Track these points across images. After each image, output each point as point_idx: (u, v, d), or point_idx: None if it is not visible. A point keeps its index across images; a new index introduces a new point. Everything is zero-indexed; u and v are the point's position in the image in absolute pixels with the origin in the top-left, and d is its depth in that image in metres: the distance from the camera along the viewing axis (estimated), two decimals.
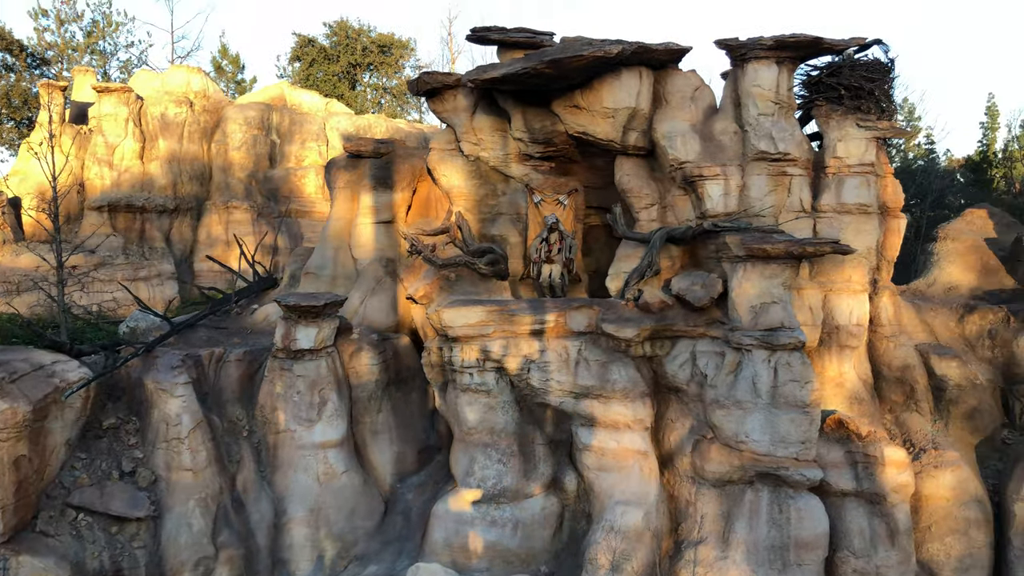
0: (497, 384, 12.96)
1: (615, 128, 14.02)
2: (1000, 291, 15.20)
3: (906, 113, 59.39)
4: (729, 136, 13.76)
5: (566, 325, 12.98)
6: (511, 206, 15.75)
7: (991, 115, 71.37)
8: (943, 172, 56.18)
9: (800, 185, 13.45)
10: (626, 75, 13.84)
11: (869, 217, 13.27)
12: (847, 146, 13.31)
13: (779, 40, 13.07)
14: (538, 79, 13.50)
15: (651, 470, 12.44)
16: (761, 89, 13.33)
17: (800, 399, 11.66)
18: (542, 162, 15.48)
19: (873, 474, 12.04)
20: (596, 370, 12.64)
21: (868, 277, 13.58)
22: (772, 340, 11.79)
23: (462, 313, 12.89)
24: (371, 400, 14.09)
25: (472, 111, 15.29)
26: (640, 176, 14.48)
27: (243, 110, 26.31)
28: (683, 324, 12.90)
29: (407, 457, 14.23)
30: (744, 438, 11.79)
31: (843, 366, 13.15)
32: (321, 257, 16.46)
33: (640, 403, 12.52)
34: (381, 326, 15.19)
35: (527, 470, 12.86)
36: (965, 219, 16.68)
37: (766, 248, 12.05)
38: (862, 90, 13.32)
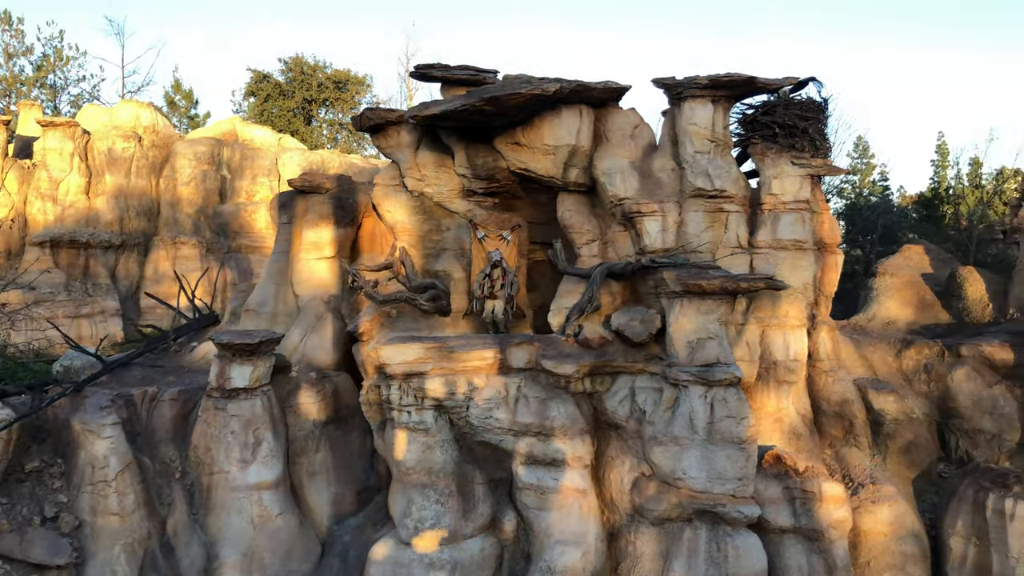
0: (436, 422, 12.79)
1: (556, 165, 14.07)
2: (936, 325, 15.43)
3: (860, 151, 60.79)
4: (667, 173, 13.88)
5: (506, 362, 12.88)
6: (455, 241, 15.68)
7: (941, 153, 73.22)
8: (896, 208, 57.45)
9: (737, 221, 13.58)
10: (566, 113, 13.93)
11: (804, 253, 13.42)
12: (782, 183, 13.49)
13: (714, 79, 13.27)
14: (478, 116, 13.52)
15: (590, 509, 12.31)
16: (697, 127, 13.50)
17: (736, 435, 11.65)
18: (486, 198, 15.46)
19: (811, 510, 12.02)
20: (536, 407, 12.54)
21: (806, 312, 13.70)
22: (708, 376, 11.80)
23: (400, 350, 12.74)
24: (309, 440, 13.82)
25: (416, 147, 15.26)
26: (581, 212, 14.53)
27: (193, 145, 26.12)
28: (623, 360, 12.87)
29: (345, 498, 13.94)
30: (681, 475, 11.73)
31: (781, 401, 13.18)
32: (262, 293, 16.24)
33: (580, 440, 12.43)
34: (321, 364, 14.96)
35: (466, 510, 12.65)
36: (903, 255, 16.98)
37: (702, 284, 12.12)
38: (796, 128, 13.54)
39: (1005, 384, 13.36)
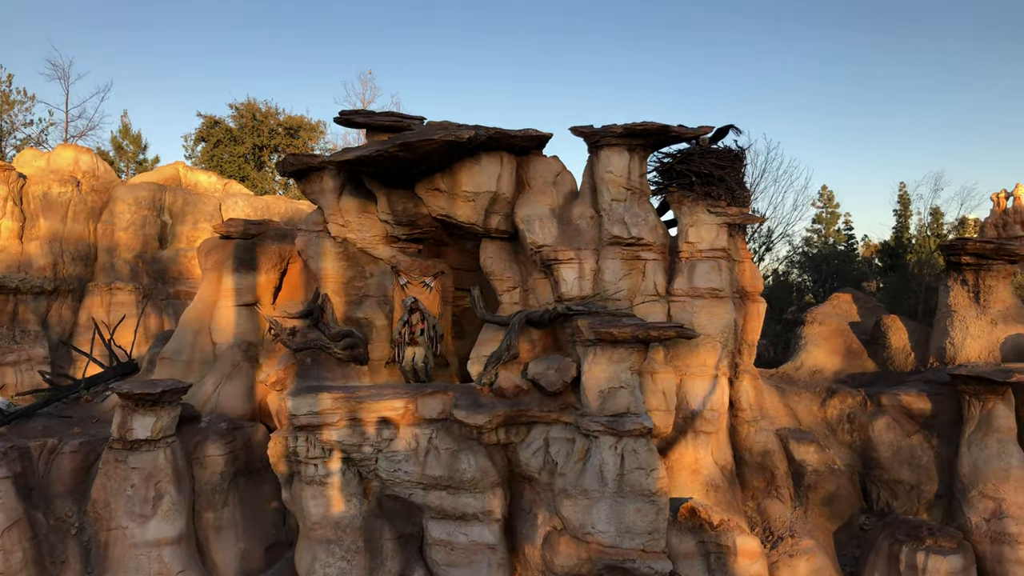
0: (343, 476, 12.39)
1: (476, 212, 13.93)
2: (863, 374, 15.35)
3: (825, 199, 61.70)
4: (586, 221, 13.80)
5: (417, 412, 12.56)
6: (379, 288, 15.45)
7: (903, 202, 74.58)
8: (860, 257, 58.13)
9: (654, 269, 13.48)
10: (486, 160, 13.85)
11: (721, 301, 13.31)
12: (698, 231, 13.44)
13: (628, 127, 13.28)
14: (394, 161, 13.41)
15: (499, 565, 11.93)
16: (613, 175, 13.46)
17: (646, 488, 11.38)
18: (409, 244, 15.30)
19: (725, 565, 11.73)
20: (446, 459, 12.19)
21: (727, 361, 13.56)
22: (618, 426, 11.56)
23: (307, 400, 12.38)
24: (215, 493, 13.32)
25: (339, 193, 15.09)
26: (503, 259, 14.37)
27: (133, 190, 25.73)
28: (538, 410, 12.61)
29: (254, 554, 13.42)
30: (591, 529, 11.40)
31: (699, 452, 12.96)
32: (179, 341, 15.82)
33: (490, 494, 12.08)
34: (235, 414, 14.53)
35: (373, 567, 12.20)
36: (832, 303, 16.97)
37: (613, 332, 11.94)
38: (712, 176, 13.56)
39: (923, 434, 13.24)
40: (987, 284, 13.53)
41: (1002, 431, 12.22)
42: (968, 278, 13.71)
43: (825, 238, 61.68)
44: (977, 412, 12.48)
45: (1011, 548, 11.63)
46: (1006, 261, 13.46)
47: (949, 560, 11.26)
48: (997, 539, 11.78)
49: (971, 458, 12.35)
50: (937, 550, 11.43)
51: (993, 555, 11.76)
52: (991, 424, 12.31)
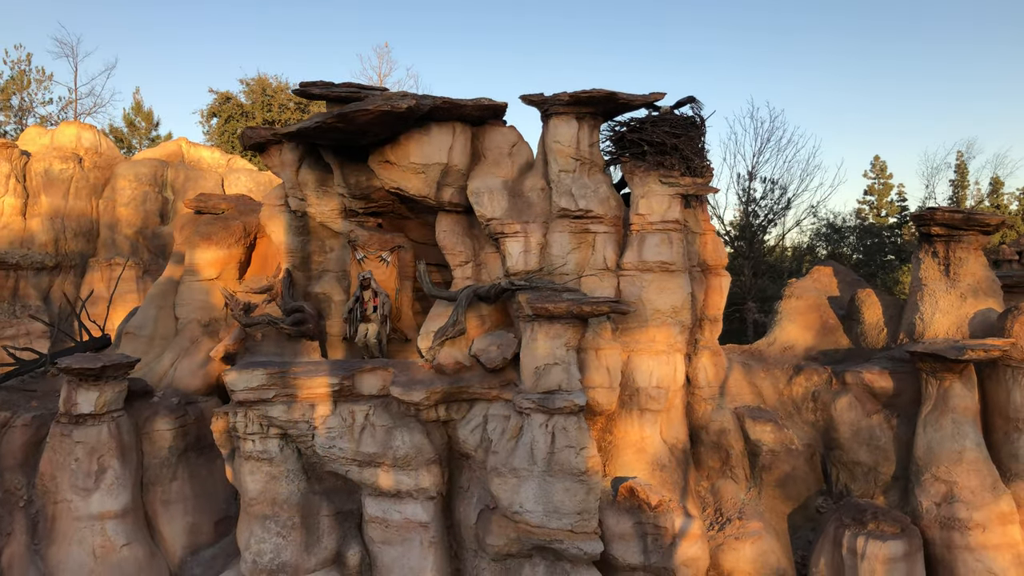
0: (281, 452, 12.32)
1: (427, 184, 13.63)
2: (835, 351, 14.71)
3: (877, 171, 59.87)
4: (537, 193, 13.40)
5: (354, 388, 12.41)
6: (338, 263, 15.32)
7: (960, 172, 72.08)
8: None
9: (604, 242, 13.04)
10: (436, 131, 13.51)
11: (672, 275, 12.80)
12: (649, 203, 12.94)
13: (575, 95, 12.79)
14: (335, 133, 13.18)
15: (431, 543, 11.75)
16: (561, 145, 13.02)
17: (575, 467, 11.05)
18: (368, 218, 15.09)
19: (662, 547, 11.38)
20: (381, 436, 12.03)
21: (682, 337, 13.07)
22: (549, 404, 11.23)
23: (244, 376, 12.30)
24: (164, 468, 13.39)
25: (298, 166, 14.91)
26: (457, 233, 14.07)
27: (134, 166, 25.98)
28: (479, 387, 12.35)
29: (203, 528, 13.48)
30: (519, 508, 11.13)
31: (645, 430, 12.55)
32: (143, 316, 15.91)
33: (425, 471, 11.89)
34: (191, 389, 14.57)
35: (309, 543, 12.13)
36: (812, 277, 16.29)
37: (548, 307, 11.58)
38: (665, 145, 13.01)
39: (884, 414, 12.62)
40: (957, 256, 12.77)
41: (958, 411, 11.57)
42: (939, 250, 12.97)
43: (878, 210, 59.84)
44: (934, 391, 11.84)
45: (960, 534, 11.04)
46: (977, 232, 12.68)
47: (889, 545, 10.72)
48: (947, 524, 11.18)
49: (926, 439, 11.73)
50: (878, 535, 10.90)
51: (942, 541, 11.18)
52: (947, 404, 11.66)
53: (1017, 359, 11.59)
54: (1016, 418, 11.54)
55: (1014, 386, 11.61)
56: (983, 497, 11.14)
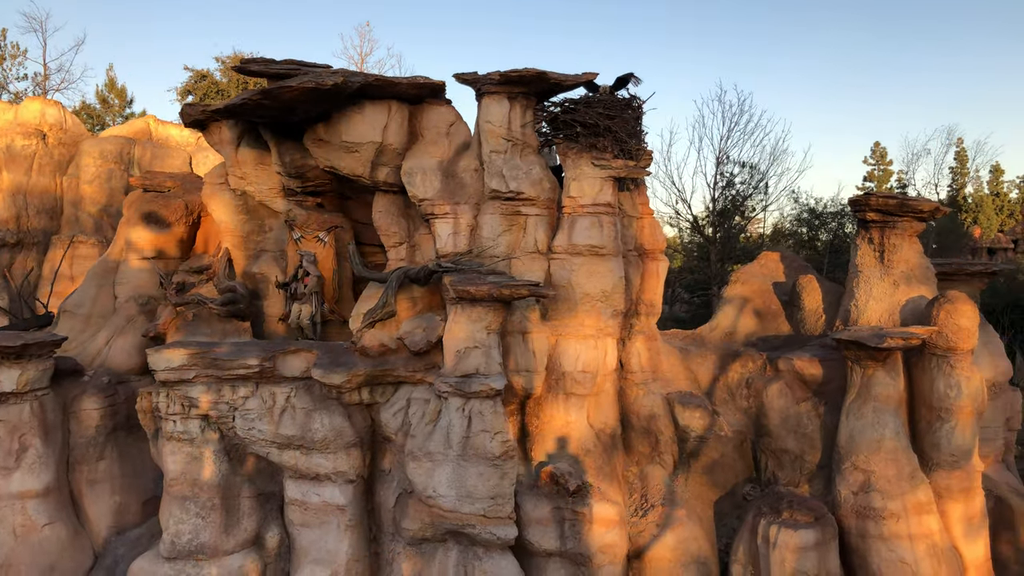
0: (203, 433, 12.21)
1: (361, 163, 13.43)
2: (775, 337, 14.56)
3: (877, 157, 59.46)
4: (470, 174, 13.21)
5: (276, 370, 12.29)
6: (277, 243, 15.16)
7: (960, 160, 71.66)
8: None
9: (536, 225, 12.85)
10: (370, 109, 13.28)
11: (603, 259, 12.61)
12: (580, 185, 12.74)
13: (505, 75, 12.58)
14: (262, 110, 12.99)
15: (348, 526, 11.67)
16: (492, 125, 12.82)
17: (490, 451, 10.95)
18: (307, 197, 14.88)
19: (579, 532, 11.29)
20: (301, 419, 11.92)
21: (614, 321, 12.90)
22: (465, 387, 11.11)
23: (165, 356, 12.18)
24: (91, 447, 13.29)
25: (237, 144, 14.68)
26: (392, 213, 13.90)
27: (100, 143, 25.77)
28: (403, 370, 12.24)
29: (130, 508, 13.40)
30: (432, 493, 11.03)
31: (571, 415, 12.41)
32: (81, 294, 15.76)
33: (343, 454, 11.78)
34: (124, 368, 14.44)
35: (229, 525, 12.04)
36: (760, 262, 16.10)
37: (470, 290, 11.43)
38: (598, 128, 12.79)
39: (812, 401, 12.47)
40: (891, 243, 12.57)
41: (879, 400, 11.42)
42: (874, 236, 12.76)
43: None
44: (858, 379, 11.69)
45: (875, 523, 10.92)
46: (912, 218, 12.47)
47: (800, 535, 10.62)
48: (862, 513, 11.06)
49: (848, 428, 11.60)
50: (790, 524, 10.79)
51: (858, 530, 11.07)
52: (869, 392, 11.51)
53: (942, 348, 11.44)
54: (939, 407, 11.41)
55: (938, 375, 11.46)
56: (900, 486, 11.02)
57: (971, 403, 11.30)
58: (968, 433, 11.35)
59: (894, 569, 10.77)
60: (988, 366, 13.25)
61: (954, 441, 11.35)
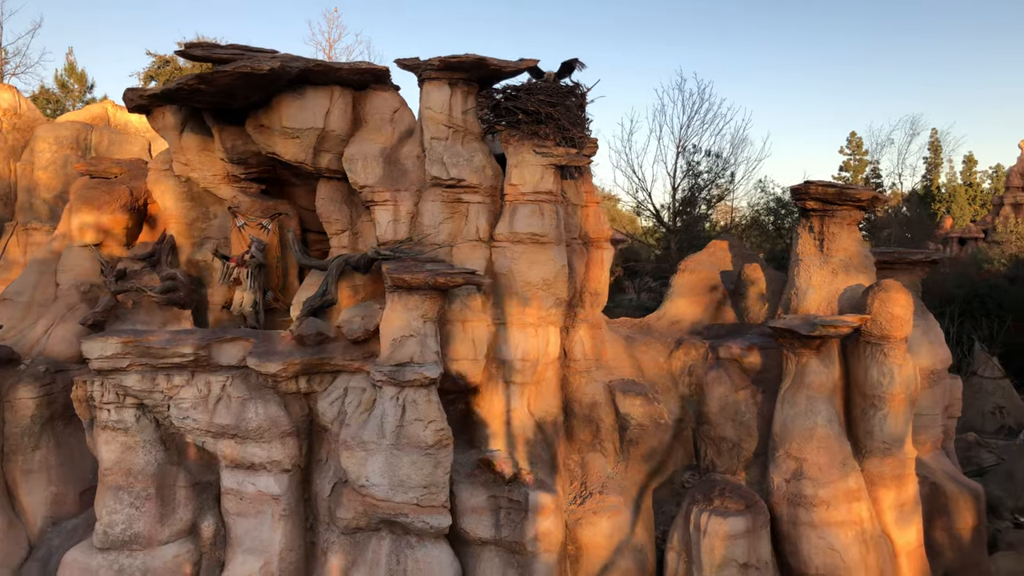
0: (138, 422, 12.07)
1: (303, 150, 13.29)
2: (720, 325, 14.58)
3: (853, 147, 59.77)
4: (412, 160, 13.10)
5: (212, 359, 12.16)
6: (221, 230, 15.02)
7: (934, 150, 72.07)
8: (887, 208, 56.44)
9: (478, 213, 12.77)
10: (312, 95, 13.14)
11: (544, 247, 12.55)
12: (522, 173, 12.65)
13: (445, 60, 12.45)
14: (199, 95, 12.83)
15: (282, 516, 11.59)
16: (433, 112, 12.71)
17: (423, 440, 10.89)
18: (251, 184, 14.73)
19: (515, 521, 11.29)
20: (236, 408, 11.80)
21: (557, 310, 12.85)
22: (399, 376, 11.04)
23: (98, 344, 12.01)
24: (26, 437, 13.10)
25: (180, 129, 14.48)
26: (335, 201, 13.78)
27: (55, 129, 25.31)
28: (341, 359, 12.15)
29: (67, 498, 13.25)
30: (365, 482, 10.97)
31: (511, 403, 12.37)
32: (22, 282, 15.53)
33: (278, 444, 11.69)
34: (63, 356, 14.20)
35: (164, 515, 11.93)
36: (708, 250, 16.11)
37: (405, 278, 11.34)
38: (540, 115, 12.70)
39: (750, 389, 12.52)
40: (831, 231, 12.62)
41: (813, 388, 11.48)
42: (814, 224, 12.81)
43: None
44: (793, 367, 11.75)
45: (806, 510, 11.00)
46: (851, 207, 12.52)
47: (729, 522, 10.68)
48: (794, 501, 11.14)
49: (782, 416, 11.67)
50: (721, 511, 10.85)
51: (789, 517, 11.15)
52: (803, 380, 11.57)
53: (877, 336, 11.50)
54: (872, 395, 11.48)
55: (872, 363, 11.53)
56: (830, 474, 11.10)
57: (904, 391, 11.39)
58: (900, 420, 11.44)
59: (823, 556, 10.86)
60: (927, 354, 13.36)
61: (886, 428, 11.44)
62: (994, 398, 29.19)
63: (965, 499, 12.95)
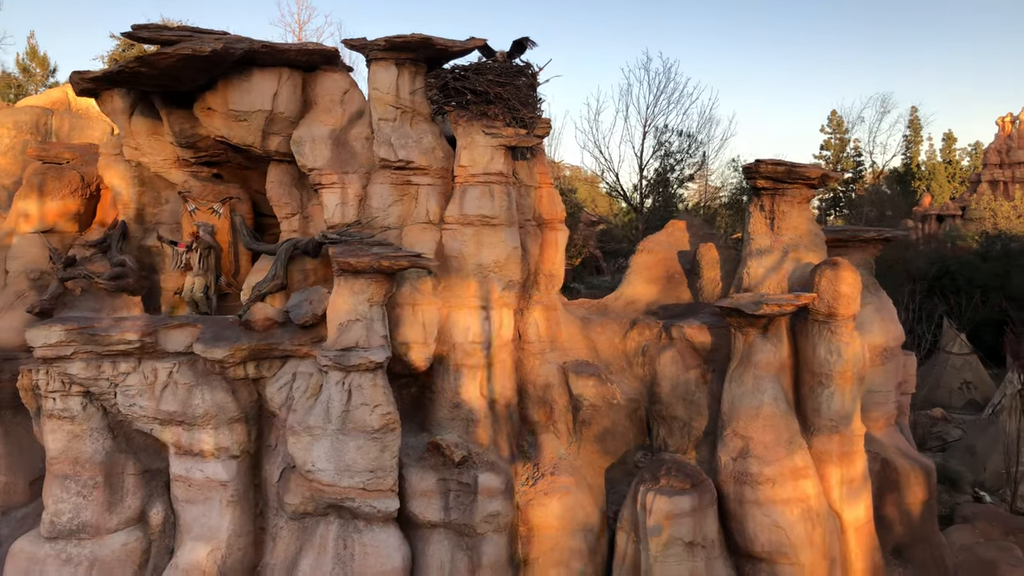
0: (84, 410, 11.93)
1: (252, 133, 13.12)
2: (676, 305, 14.58)
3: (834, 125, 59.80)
4: (361, 142, 12.97)
5: (159, 345, 12.03)
6: (173, 215, 14.86)
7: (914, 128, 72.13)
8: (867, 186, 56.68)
9: (428, 195, 12.68)
10: (259, 77, 12.96)
11: (495, 230, 12.47)
12: (471, 154, 12.53)
13: (390, 40, 12.30)
14: (147, 79, 12.65)
15: (229, 502, 11.51)
16: (380, 92, 12.57)
17: (369, 424, 10.84)
18: (202, 168, 14.57)
19: (464, 503, 11.27)
20: (182, 394, 11.68)
21: (510, 292, 12.78)
22: (344, 361, 10.96)
23: (42, 332, 11.85)
24: None
25: (130, 113, 14.25)
26: (284, 184, 13.65)
27: (14, 113, 24.80)
28: (289, 344, 12.03)
29: (16, 487, 13.16)
30: (311, 467, 10.91)
31: (462, 386, 12.32)
32: None
33: (226, 429, 11.60)
34: (13, 344, 13.97)
35: (112, 503, 11.83)
36: (667, 230, 16.07)
37: (351, 261, 11.24)
38: (488, 95, 12.58)
39: (701, 369, 12.54)
40: (781, 210, 12.60)
41: (759, 366, 11.50)
42: (765, 203, 12.79)
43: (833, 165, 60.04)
44: (741, 346, 11.77)
45: (751, 488, 11.04)
46: (801, 185, 12.50)
47: (674, 501, 10.71)
48: (740, 479, 11.18)
49: (730, 394, 11.69)
50: (666, 490, 10.88)
51: (735, 495, 11.19)
52: (750, 359, 11.59)
53: (824, 314, 11.52)
54: (820, 373, 11.51)
55: (819, 341, 11.56)
56: (776, 452, 11.14)
57: (851, 368, 11.42)
58: (848, 398, 11.49)
59: (768, 533, 10.91)
60: (879, 331, 13.41)
61: (833, 406, 11.49)
62: (962, 374, 29.48)
63: (916, 475, 13.04)
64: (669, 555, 10.69)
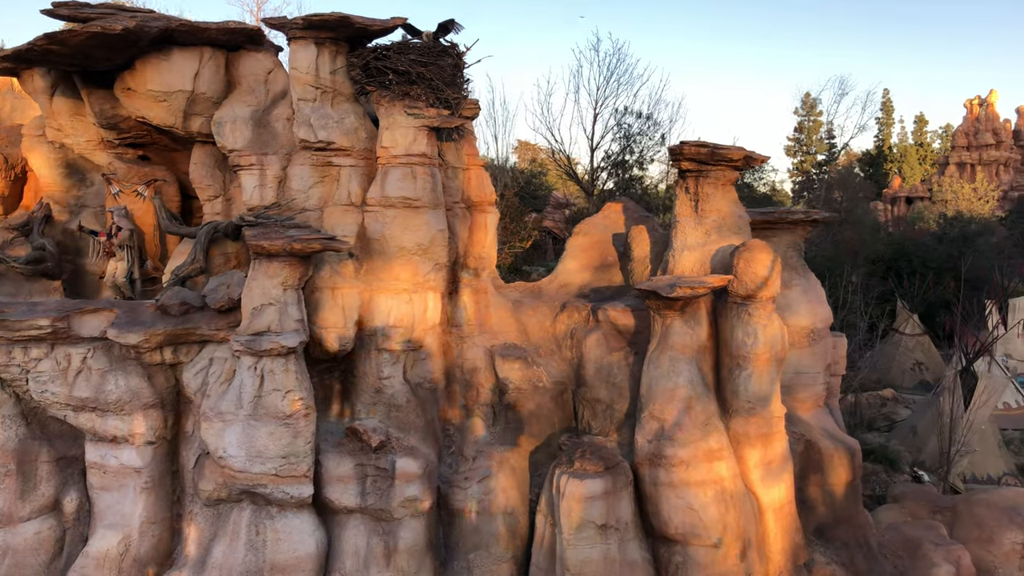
0: None
1: (172, 113, 12.90)
2: (607, 287, 14.54)
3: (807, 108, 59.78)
4: (283, 123, 12.78)
5: (72, 330, 11.80)
6: (97, 198, 14.64)
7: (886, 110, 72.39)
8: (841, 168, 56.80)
9: (350, 176, 12.52)
10: (179, 56, 12.73)
11: (418, 212, 12.31)
12: (393, 135, 12.35)
13: (308, 19, 12.10)
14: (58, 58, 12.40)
15: (143, 489, 11.40)
16: (299, 72, 12.36)
17: (281, 410, 10.73)
18: (127, 149, 14.31)
19: (381, 488, 11.20)
20: (96, 380, 11.50)
21: (437, 275, 12.64)
22: (256, 346, 10.83)
23: None
24: None
25: (51, 93, 13.95)
26: (207, 166, 13.45)
27: None
28: (206, 328, 11.85)
29: None
30: (223, 453, 10.78)
31: (383, 370, 12.21)
32: None
33: (140, 416, 11.44)
34: None
35: (25, 491, 11.67)
36: (603, 213, 16.01)
37: (264, 245, 11.08)
38: (411, 75, 12.39)
39: (624, 351, 12.52)
40: (705, 192, 12.55)
41: (676, 349, 11.49)
42: (689, 186, 12.72)
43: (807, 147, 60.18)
44: (659, 329, 11.74)
45: (665, 471, 11.06)
46: (725, 167, 12.45)
47: (586, 484, 10.70)
48: (655, 461, 11.18)
49: (648, 377, 11.68)
50: (579, 474, 10.86)
51: (651, 478, 11.19)
52: (667, 341, 11.57)
53: (741, 296, 11.51)
54: (738, 355, 11.52)
55: (737, 323, 11.55)
56: (691, 434, 11.15)
57: (768, 350, 11.43)
58: (765, 380, 11.50)
59: (682, 515, 10.94)
60: (807, 313, 13.45)
61: (751, 388, 11.50)
62: (914, 355, 29.80)
63: (840, 455, 13.12)
64: (582, 538, 10.69)
